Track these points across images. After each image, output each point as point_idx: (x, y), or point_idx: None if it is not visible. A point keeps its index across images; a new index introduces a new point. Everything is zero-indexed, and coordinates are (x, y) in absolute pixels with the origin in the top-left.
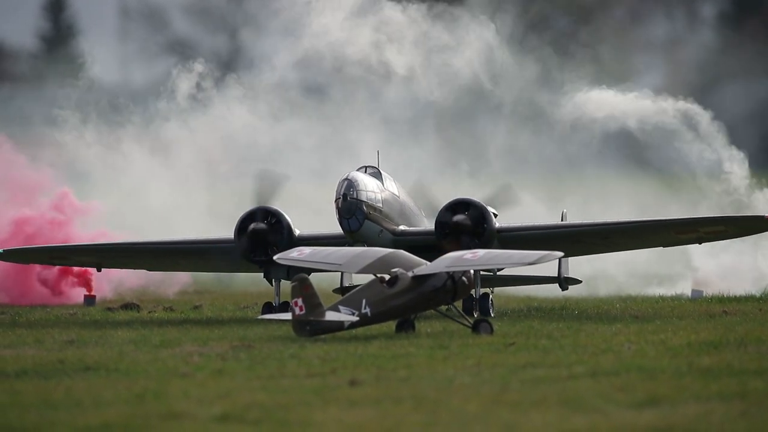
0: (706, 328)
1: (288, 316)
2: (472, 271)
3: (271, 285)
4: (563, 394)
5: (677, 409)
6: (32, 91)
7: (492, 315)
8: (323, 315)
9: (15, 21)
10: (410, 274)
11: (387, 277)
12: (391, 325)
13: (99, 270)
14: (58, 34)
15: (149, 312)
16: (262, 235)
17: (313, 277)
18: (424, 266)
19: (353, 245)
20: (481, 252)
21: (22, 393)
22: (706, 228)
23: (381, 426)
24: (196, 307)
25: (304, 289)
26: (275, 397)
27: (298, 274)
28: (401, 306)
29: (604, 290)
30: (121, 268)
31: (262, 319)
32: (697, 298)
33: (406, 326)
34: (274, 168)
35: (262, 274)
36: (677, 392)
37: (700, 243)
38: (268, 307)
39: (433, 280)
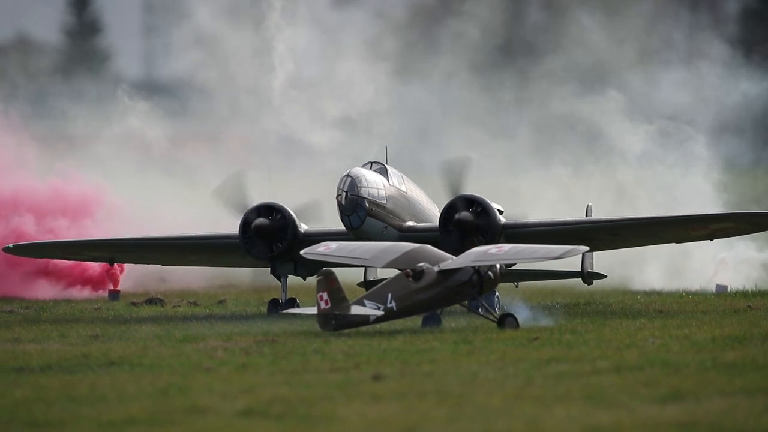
0: (730, 323)
1: (313, 310)
2: (498, 266)
3: (279, 281)
4: (587, 389)
5: (702, 404)
6: (57, 85)
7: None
8: (349, 309)
9: (40, 16)
10: (436, 268)
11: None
12: (415, 319)
13: (112, 264)
14: (83, 29)
15: (173, 307)
16: (266, 231)
17: (338, 271)
18: (450, 261)
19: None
20: (506, 247)
21: (46, 387)
22: (715, 224)
23: (405, 421)
24: (220, 302)
25: (329, 283)
26: (299, 392)
27: (290, 271)
28: (427, 300)
29: (629, 284)
30: (134, 263)
31: (287, 314)
32: (721, 292)
33: (431, 321)
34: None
35: (269, 269)
36: (701, 387)
37: (711, 239)
38: (274, 304)
39: (459, 274)
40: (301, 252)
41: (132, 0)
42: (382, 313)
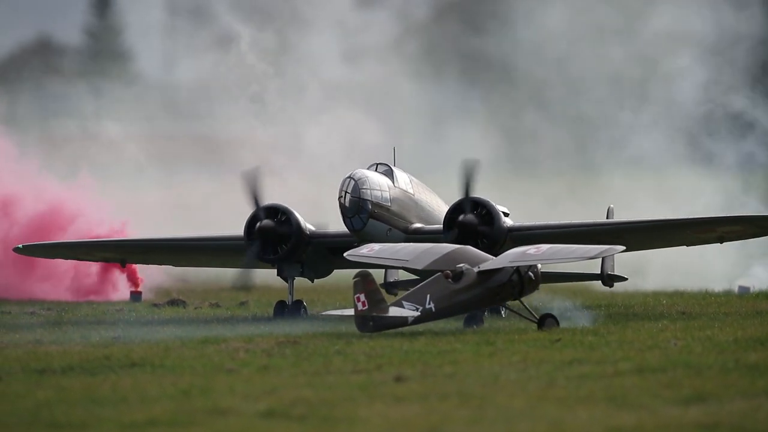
0: (752, 324)
1: (351, 311)
2: (539, 266)
3: (286, 282)
4: (609, 391)
5: (724, 405)
6: (80, 86)
7: (503, 315)
8: (386, 310)
9: (63, 17)
10: (476, 269)
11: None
12: (437, 321)
13: (123, 265)
14: (105, 30)
15: (195, 308)
16: (271, 233)
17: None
18: (490, 261)
19: (360, 244)
20: (544, 247)
21: (68, 389)
22: (723, 227)
23: (426, 422)
24: (242, 304)
25: (366, 284)
26: (321, 393)
27: (297, 273)
28: (466, 301)
29: (650, 286)
30: (145, 263)
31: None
32: (743, 294)
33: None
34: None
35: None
36: (724, 389)
37: (721, 242)
38: (281, 306)
39: (499, 275)
40: (345, 254)
41: (154, 1)
42: (419, 314)
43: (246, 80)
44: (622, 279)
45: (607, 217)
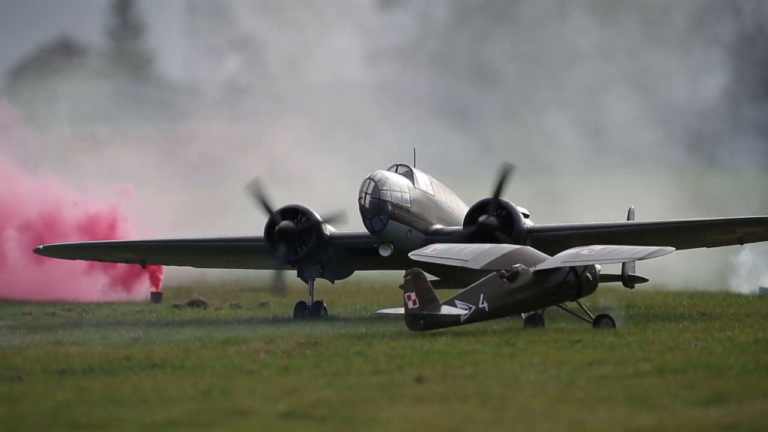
0: None
1: (401, 310)
2: (598, 267)
3: (306, 283)
4: (629, 392)
5: (744, 406)
6: (100, 87)
7: (523, 315)
8: (438, 309)
9: (83, 18)
10: (532, 269)
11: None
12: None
13: (144, 266)
14: (126, 31)
15: (216, 309)
16: (290, 234)
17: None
18: (547, 261)
19: (380, 245)
20: (597, 248)
21: (88, 389)
22: (743, 229)
23: (447, 423)
24: (262, 305)
25: (418, 283)
26: (341, 394)
27: (317, 274)
28: (521, 301)
29: (671, 286)
30: (165, 264)
31: (379, 314)
32: (764, 294)
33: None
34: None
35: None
36: (744, 389)
37: (741, 243)
38: (301, 307)
39: (556, 275)
40: (410, 254)
41: (175, 1)
42: (471, 312)
43: (265, 81)
44: (643, 280)
45: (628, 219)
